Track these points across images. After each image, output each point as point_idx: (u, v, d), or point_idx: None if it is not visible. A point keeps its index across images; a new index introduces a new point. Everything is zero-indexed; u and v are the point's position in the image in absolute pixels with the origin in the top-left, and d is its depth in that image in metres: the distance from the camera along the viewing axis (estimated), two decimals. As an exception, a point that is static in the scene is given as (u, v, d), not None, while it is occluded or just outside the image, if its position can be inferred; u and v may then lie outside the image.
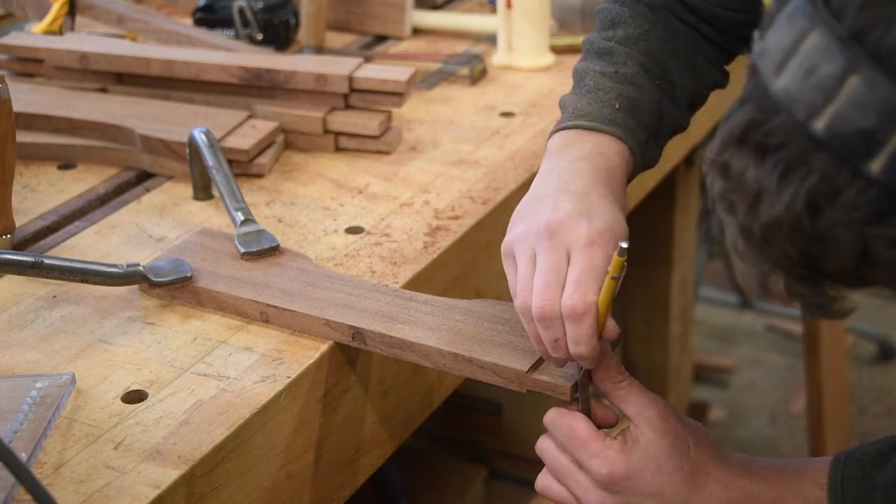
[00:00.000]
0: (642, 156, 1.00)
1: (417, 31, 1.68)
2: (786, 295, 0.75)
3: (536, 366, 0.94)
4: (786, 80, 0.68)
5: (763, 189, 0.69)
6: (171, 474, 0.85)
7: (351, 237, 1.16)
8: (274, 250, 1.10)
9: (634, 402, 0.91)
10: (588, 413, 0.92)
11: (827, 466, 0.89)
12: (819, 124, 0.67)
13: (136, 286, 1.06)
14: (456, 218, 1.19)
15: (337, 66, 1.34)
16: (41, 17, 1.52)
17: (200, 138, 1.19)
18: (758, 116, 0.70)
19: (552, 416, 0.93)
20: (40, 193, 1.25)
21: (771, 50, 0.70)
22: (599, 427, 0.92)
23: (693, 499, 0.90)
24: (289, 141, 1.34)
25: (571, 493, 0.93)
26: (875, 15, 0.66)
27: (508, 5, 1.54)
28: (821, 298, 0.73)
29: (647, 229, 1.91)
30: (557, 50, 1.60)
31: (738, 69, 1.48)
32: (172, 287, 1.05)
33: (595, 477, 0.90)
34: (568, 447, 0.92)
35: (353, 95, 1.33)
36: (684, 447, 0.90)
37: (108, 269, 1.04)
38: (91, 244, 1.15)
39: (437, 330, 0.98)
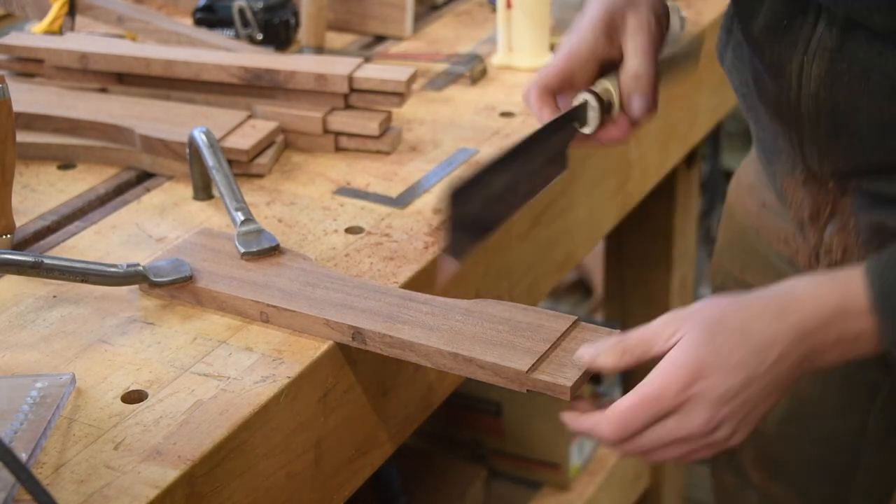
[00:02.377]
0: None
1: (418, 31, 1.68)
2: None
3: (536, 366, 0.94)
4: None
5: None
6: (171, 474, 0.85)
7: (351, 237, 1.16)
8: (274, 250, 1.10)
9: (653, 342, 0.90)
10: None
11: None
12: None
13: (136, 286, 1.07)
14: (456, 218, 1.19)
15: (337, 66, 1.34)
16: (41, 17, 1.52)
17: (200, 138, 1.19)
18: None
19: (607, 426, 0.90)
20: (40, 193, 1.25)
21: None
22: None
23: (759, 346, 0.88)
24: (289, 141, 1.34)
25: (680, 440, 0.90)
26: None
27: (508, 5, 1.54)
28: None
29: (647, 229, 1.91)
30: (557, 50, 1.60)
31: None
32: (172, 287, 1.05)
33: (676, 406, 0.88)
34: (641, 421, 0.89)
35: (353, 95, 1.33)
36: (719, 319, 0.89)
37: (108, 269, 1.04)
38: (91, 244, 1.15)
39: (437, 330, 0.98)
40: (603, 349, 0.92)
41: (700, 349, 0.88)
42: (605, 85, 1.02)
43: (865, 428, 1.21)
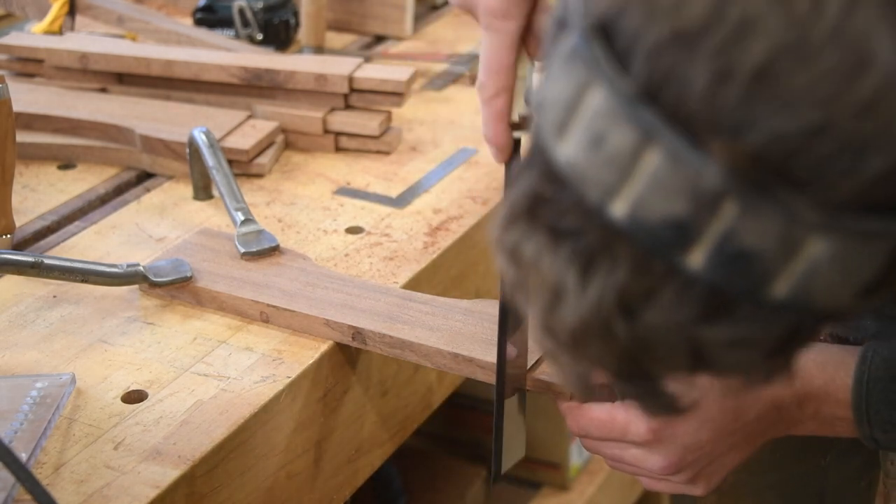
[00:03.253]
0: None
1: (417, 31, 1.68)
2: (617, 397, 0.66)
3: (536, 366, 0.94)
4: (571, 150, 0.53)
5: (562, 284, 0.55)
6: (171, 474, 0.85)
7: (351, 237, 1.16)
8: (274, 250, 1.10)
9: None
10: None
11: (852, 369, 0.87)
12: (618, 209, 0.52)
13: (136, 286, 1.06)
14: (456, 218, 1.19)
15: (337, 66, 1.34)
16: (41, 17, 1.52)
17: (200, 138, 1.19)
18: (543, 189, 0.55)
19: (573, 421, 0.92)
20: (40, 193, 1.25)
21: (549, 104, 0.55)
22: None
23: (736, 405, 0.87)
24: (289, 141, 1.34)
25: (638, 469, 0.91)
26: (671, 61, 0.50)
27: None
28: (660, 397, 0.62)
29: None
30: (557, 50, 1.60)
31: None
32: (172, 287, 1.05)
33: (643, 442, 0.88)
34: (603, 435, 0.90)
35: (353, 95, 1.33)
36: None
37: (108, 269, 1.04)
38: (91, 244, 1.15)
39: (437, 330, 0.98)
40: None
41: None
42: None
43: (826, 472, 1.20)
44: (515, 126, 0.85)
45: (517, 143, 0.85)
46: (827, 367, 0.90)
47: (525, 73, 0.86)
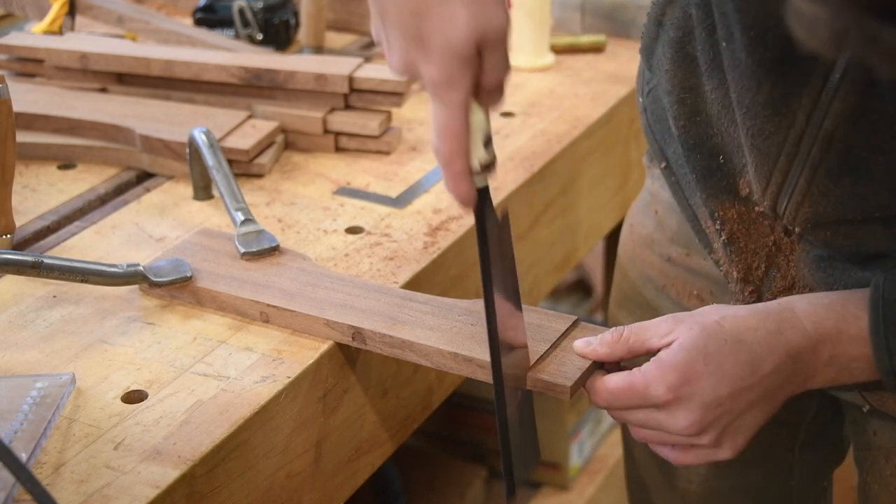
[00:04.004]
0: None
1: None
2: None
3: (536, 366, 0.94)
4: None
5: None
6: (171, 474, 0.85)
7: (351, 237, 1.16)
8: (274, 250, 1.10)
9: (648, 336, 0.91)
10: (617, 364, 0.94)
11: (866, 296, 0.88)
12: None
13: (136, 286, 1.07)
14: (456, 218, 1.19)
15: (337, 66, 1.34)
16: (41, 17, 1.52)
17: (200, 138, 1.19)
18: None
19: (596, 396, 0.92)
20: (40, 193, 1.25)
21: None
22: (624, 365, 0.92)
23: (751, 357, 0.88)
24: (289, 141, 1.34)
25: (664, 435, 0.91)
26: None
27: (508, 5, 1.53)
28: None
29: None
30: (557, 50, 1.60)
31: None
32: (172, 287, 1.05)
33: (663, 404, 0.89)
34: (625, 404, 0.91)
35: (353, 95, 1.33)
36: (714, 327, 0.89)
37: (108, 269, 1.04)
38: (91, 244, 1.15)
39: (437, 330, 0.98)
40: (598, 339, 0.93)
41: (692, 353, 0.88)
42: (480, 150, 0.88)
43: (793, 468, 1.20)
44: (478, 173, 0.88)
45: (483, 190, 0.89)
46: (835, 307, 0.90)
47: (479, 123, 0.87)
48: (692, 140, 1.01)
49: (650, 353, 0.91)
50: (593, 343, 0.93)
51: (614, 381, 0.91)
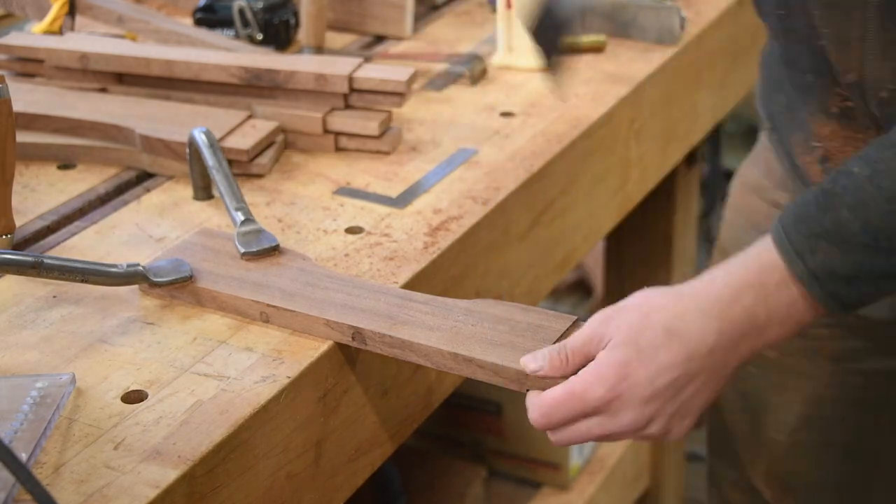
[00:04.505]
0: None
1: (417, 31, 1.68)
2: None
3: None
4: None
5: None
6: (171, 474, 0.85)
7: (351, 237, 1.16)
8: (274, 250, 1.10)
9: (589, 350, 0.92)
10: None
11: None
12: None
13: (136, 286, 1.07)
14: (456, 218, 1.19)
15: (337, 66, 1.34)
16: (41, 17, 1.52)
17: (200, 138, 1.19)
18: None
19: (536, 412, 0.92)
20: (40, 193, 1.25)
21: None
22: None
23: (685, 346, 0.89)
24: (289, 141, 1.34)
25: (613, 434, 0.92)
26: None
27: (508, 5, 1.54)
28: None
29: (648, 229, 1.91)
30: (557, 50, 1.60)
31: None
32: (172, 287, 1.05)
33: (604, 405, 0.89)
34: (567, 413, 0.91)
35: (353, 95, 1.33)
36: (644, 322, 0.90)
37: (108, 269, 1.04)
38: (91, 244, 1.15)
39: (437, 330, 0.98)
40: (547, 359, 0.93)
41: (625, 351, 0.89)
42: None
43: (883, 427, 1.21)
44: None
45: None
46: (750, 261, 0.91)
47: None
48: (787, 55, 1.09)
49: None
50: (543, 366, 0.92)
51: (551, 395, 0.91)
